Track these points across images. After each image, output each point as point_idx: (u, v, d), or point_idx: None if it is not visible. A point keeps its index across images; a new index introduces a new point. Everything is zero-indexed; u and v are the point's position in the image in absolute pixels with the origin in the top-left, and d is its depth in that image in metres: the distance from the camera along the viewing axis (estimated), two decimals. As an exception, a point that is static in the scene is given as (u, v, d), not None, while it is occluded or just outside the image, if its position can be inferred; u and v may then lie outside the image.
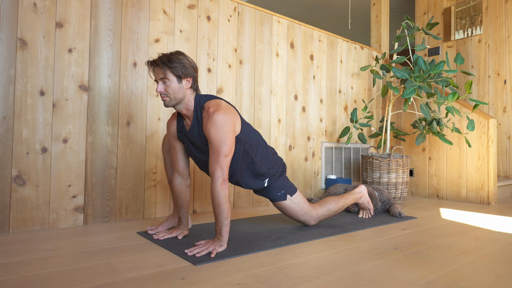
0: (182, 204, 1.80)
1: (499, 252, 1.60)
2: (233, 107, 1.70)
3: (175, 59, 1.57)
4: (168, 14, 2.32)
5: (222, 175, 1.53)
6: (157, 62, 1.59)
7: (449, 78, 2.78)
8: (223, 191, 1.52)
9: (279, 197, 1.93)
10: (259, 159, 1.80)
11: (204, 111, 1.62)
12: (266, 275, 1.26)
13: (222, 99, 1.70)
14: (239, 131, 1.68)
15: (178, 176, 1.80)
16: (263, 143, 1.85)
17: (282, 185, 1.93)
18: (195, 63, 1.67)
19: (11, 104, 1.80)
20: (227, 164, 1.55)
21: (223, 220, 1.54)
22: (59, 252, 1.49)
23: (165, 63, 1.56)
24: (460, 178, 3.18)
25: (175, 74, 1.58)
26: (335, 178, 3.17)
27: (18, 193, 1.82)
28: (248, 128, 1.77)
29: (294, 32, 3.03)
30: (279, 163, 1.93)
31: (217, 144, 1.54)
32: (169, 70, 1.57)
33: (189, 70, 1.61)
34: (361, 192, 2.30)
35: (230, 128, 1.57)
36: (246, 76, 2.71)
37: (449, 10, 4.32)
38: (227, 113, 1.58)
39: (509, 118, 3.82)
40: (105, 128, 2.08)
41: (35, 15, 1.87)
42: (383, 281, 1.22)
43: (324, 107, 3.27)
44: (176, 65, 1.57)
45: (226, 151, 1.54)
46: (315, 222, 2.04)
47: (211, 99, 1.66)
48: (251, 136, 1.76)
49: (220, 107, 1.59)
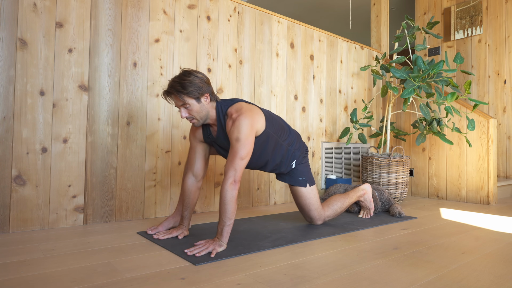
0: (189, 204, 1.81)
1: (499, 252, 1.60)
2: (254, 105, 1.76)
3: (187, 83, 1.59)
4: (168, 14, 2.32)
5: (234, 176, 1.56)
6: (171, 92, 1.62)
7: (448, 78, 2.78)
8: (231, 191, 1.54)
9: (300, 182, 1.99)
10: (287, 143, 1.91)
11: (228, 117, 1.68)
12: (266, 275, 1.26)
13: (242, 101, 1.74)
14: (264, 127, 1.74)
15: (192, 176, 1.83)
16: (287, 127, 1.94)
17: (305, 171, 2.01)
18: (206, 76, 1.68)
19: (11, 104, 1.80)
20: (242, 166, 1.59)
21: (226, 220, 1.55)
22: (59, 252, 1.49)
23: (180, 91, 1.59)
24: (460, 178, 3.18)
25: (192, 97, 1.62)
26: (335, 178, 3.16)
27: (18, 193, 1.82)
28: (273, 119, 1.83)
29: (294, 32, 3.03)
30: (303, 145, 2.04)
31: (235, 145, 1.59)
32: (185, 96, 1.60)
33: (203, 87, 1.63)
34: (365, 189, 2.33)
35: (250, 131, 1.62)
36: (246, 76, 2.71)
37: (449, 10, 4.32)
38: (248, 116, 1.63)
39: (509, 118, 3.82)
40: (105, 128, 2.08)
41: (35, 15, 1.87)
42: (383, 281, 1.22)
43: (324, 107, 3.27)
44: (190, 89, 1.60)
45: (243, 154, 1.58)
46: (321, 222, 2.07)
47: (232, 104, 1.71)
48: (277, 125, 1.84)
49: (241, 111, 1.64)
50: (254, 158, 1.82)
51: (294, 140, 1.96)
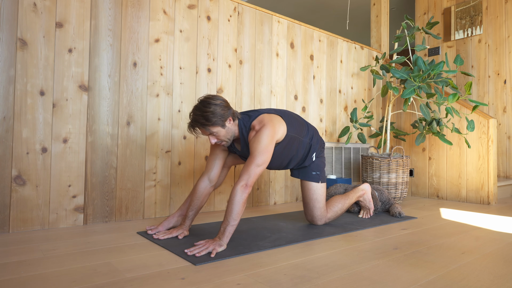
0: (196, 205, 1.83)
1: (499, 252, 1.60)
2: (275, 113, 1.83)
3: (210, 115, 1.64)
4: (168, 14, 2.32)
5: (247, 180, 1.59)
6: (197, 126, 1.68)
7: (448, 79, 2.78)
8: (241, 194, 1.57)
9: (313, 176, 2.03)
10: (308, 138, 1.99)
11: (251, 130, 1.76)
12: (266, 275, 1.26)
13: (262, 111, 1.81)
14: (285, 133, 1.82)
15: (207, 179, 1.87)
16: (305, 123, 2.02)
17: (321, 166, 2.07)
18: (224, 100, 1.71)
19: (11, 104, 1.80)
20: (256, 173, 1.63)
21: (231, 220, 1.56)
22: (59, 252, 1.49)
23: (205, 124, 1.65)
24: (460, 178, 3.18)
25: (217, 126, 1.67)
26: (335, 178, 3.16)
27: (18, 193, 1.82)
28: (292, 120, 1.90)
29: (294, 32, 3.03)
30: (320, 139, 2.10)
31: (254, 152, 1.65)
32: (211, 127, 1.67)
33: (225, 113, 1.68)
34: (365, 189, 2.34)
35: (270, 141, 1.69)
36: (246, 76, 2.71)
37: (449, 10, 4.32)
38: (270, 127, 1.71)
39: (509, 118, 3.82)
40: (105, 128, 2.08)
41: (35, 15, 1.87)
42: (383, 281, 1.22)
43: (324, 107, 3.27)
44: (214, 120, 1.65)
45: (260, 162, 1.64)
46: (322, 223, 2.07)
47: (255, 117, 1.77)
48: (296, 124, 1.91)
49: (263, 123, 1.73)
50: (279, 160, 1.91)
51: (313, 134, 2.04)
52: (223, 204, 2.60)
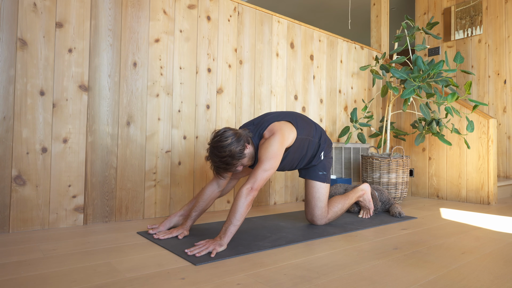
0: (200, 207, 1.84)
1: (499, 252, 1.60)
2: (284, 119, 1.84)
3: (229, 159, 1.66)
4: (168, 14, 2.32)
5: (253, 183, 1.61)
6: (222, 171, 1.72)
7: (448, 78, 2.78)
8: (246, 196, 1.58)
9: (319, 176, 2.05)
10: (317, 138, 2.03)
11: (263, 138, 1.79)
12: (266, 275, 1.26)
13: (272, 119, 1.83)
14: (295, 137, 1.85)
15: (216, 184, 1.88)
16: (313, 124, 2.05)
17: (328, 166, 2.09)
18: (235, 133, 1.70)
19: (11, 104, 1.80)
20: (263, 177, 1.64)
21: (234, 220, 1.56)
22: (59, 252, 1.49)
23: (228, 169, 1.70)
24: (460, 178, 3.18)
25: (239, 160, 1.70)
26: (335, 178, 3.16)
27: (18, 193, 1.82)
28: (301, 122, 1.93)
29: (294, 32, 3.03)
30: (327, 138, 2.12)
31: (262, 158, 1.68)
32: (233, 167, 1.71)
33: (241, 148, 1.69)
34: (364, 189, 2.34)
35: (279, 149, 1.71)
36: (246, 76, 2.71)
37: (449, 10, 4.32)
38: (279, 135, 1.74)
39: (509, 118, 3.82)
40: (105, 128, 2.08)
41: (35, 15, 1.87)
42: (383, 281, 1.22)
43: (324, 107, 3.27)
44: (234, 161, 1.68)
45: (267, 167, 1.65)
46: (322, 223, 2.08)
47: (266, 127, 1.79)
48: (305, 126, 1.95)
49: (272, 131, 1.76)
50: (291, 162, 1.94)
51: (321, 134, 2.07)
52: (223, 205, 2.60)
